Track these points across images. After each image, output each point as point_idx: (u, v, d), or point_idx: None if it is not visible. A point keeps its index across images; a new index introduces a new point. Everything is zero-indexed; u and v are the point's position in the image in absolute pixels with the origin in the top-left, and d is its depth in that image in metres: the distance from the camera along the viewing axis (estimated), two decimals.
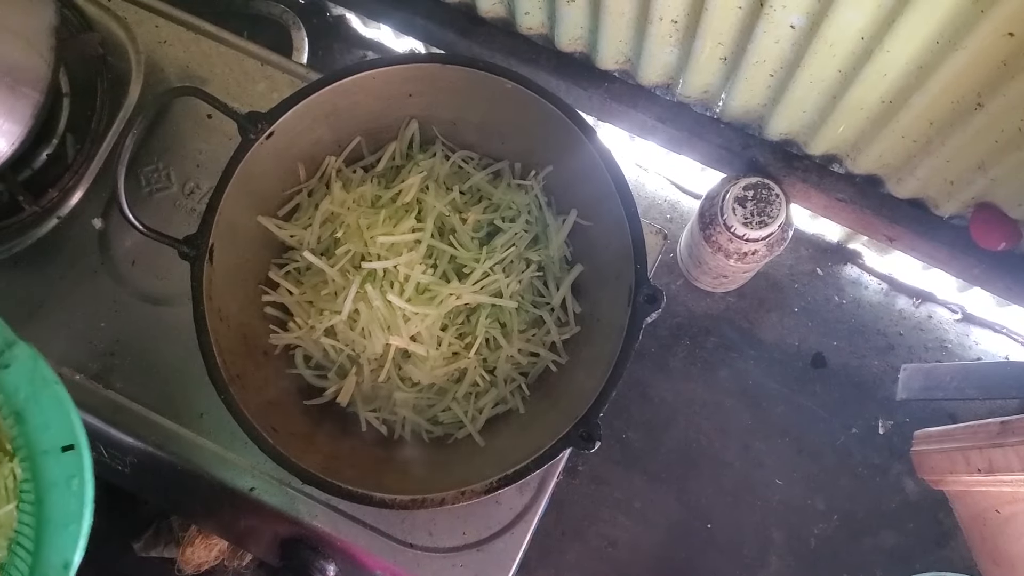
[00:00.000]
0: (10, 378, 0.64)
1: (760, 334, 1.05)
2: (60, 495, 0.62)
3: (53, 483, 0.63)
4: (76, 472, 0.63)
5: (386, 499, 0.69)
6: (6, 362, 0.64)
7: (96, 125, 0.89)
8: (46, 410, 0.64)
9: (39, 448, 0.63)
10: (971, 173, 0.78)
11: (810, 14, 0.70)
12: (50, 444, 0.63)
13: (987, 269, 0.87)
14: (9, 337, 0.65)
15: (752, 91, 0.84)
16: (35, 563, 0.62)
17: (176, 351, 0.85)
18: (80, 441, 0.63)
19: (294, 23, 1.11)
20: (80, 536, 0.62)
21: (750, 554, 1.00)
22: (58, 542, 0.62)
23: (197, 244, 0.72)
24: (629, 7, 0.81)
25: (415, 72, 0.77)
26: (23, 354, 0.65)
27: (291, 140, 0.77)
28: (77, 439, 0.64)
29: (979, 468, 0.78)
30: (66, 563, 0.61)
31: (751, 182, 0.86)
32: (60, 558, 0.61)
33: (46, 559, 0.62)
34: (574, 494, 1.02)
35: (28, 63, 0.78)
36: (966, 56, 0.65)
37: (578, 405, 0.70)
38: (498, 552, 0.81)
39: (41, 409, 0.64)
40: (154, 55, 0.92)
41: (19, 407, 0.64)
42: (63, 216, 0.88)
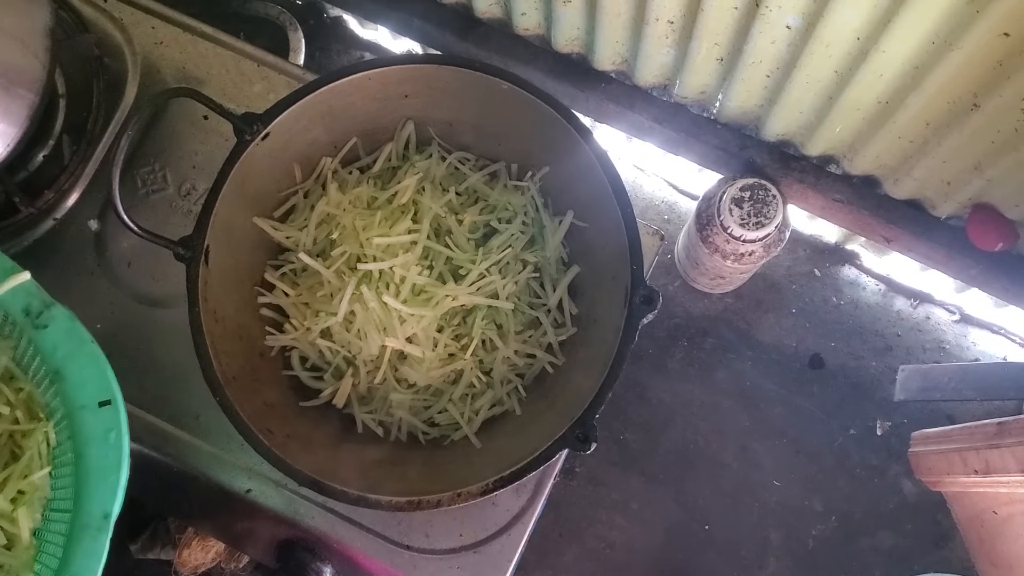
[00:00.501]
0: (48, 337, 0.68)
1: (758, 335, 1.05)
2: (98, 448, 0.65)
3: (91, 437, 0.65)
4: (113, 425, 0.66)
5: (382, 501, 0.69)
6: (44, 322, 0.68)
7: (92, 126, 0.89)
8: (83, 367, 0.67)
9: (77, 404, 0.66)
10: (968, 174, 0.78)
11: (806, 14, 0.70)
12: (87, 400, 0.66)
13: (984, 270, 0.87)
14: (47, 299, 0.68)
15: (749, 92, 0.84)
16: (76, 515, 0.64)
17: (172, 353, 0.84)
18: (116, 396, 0.66)
19: (291, 24, 1.11)
20: (119, 487, 0.64)
21: (748, 555, 1.00)
22: (98, 494, 0.64)
23: (193, 246, 0.72)
24: (625, 8, 0.81)
25: (411, 73, 0.77)
26: (60, 315, 0.68)
27: (287, 141, 0.77)
28: (113, 394, 0.66)
29: (976, 469, 0.77)
30: (106, 513, 0.64)
31: (748, 183, 0.86)
32: (100, 509, 0.64)
33: (87, 511, 0.64)
34: (571, 495, 1.02)
35: (23, 64, 0.77)
36: (962, 56, 0.65)
37: (574, 406, 0.70)
38: (495, 554, 0.81)
39: (79, 367, 0.67)
40: (150, 56, 0.92)
41: (57, 365, 0.67)
42: (59, 218, 0.88)
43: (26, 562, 0.67)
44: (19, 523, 0.68)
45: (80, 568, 0.63)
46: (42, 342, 0.68)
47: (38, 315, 0.68)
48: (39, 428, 0.70)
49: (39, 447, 0.70)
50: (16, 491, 0.69)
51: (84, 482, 0.65)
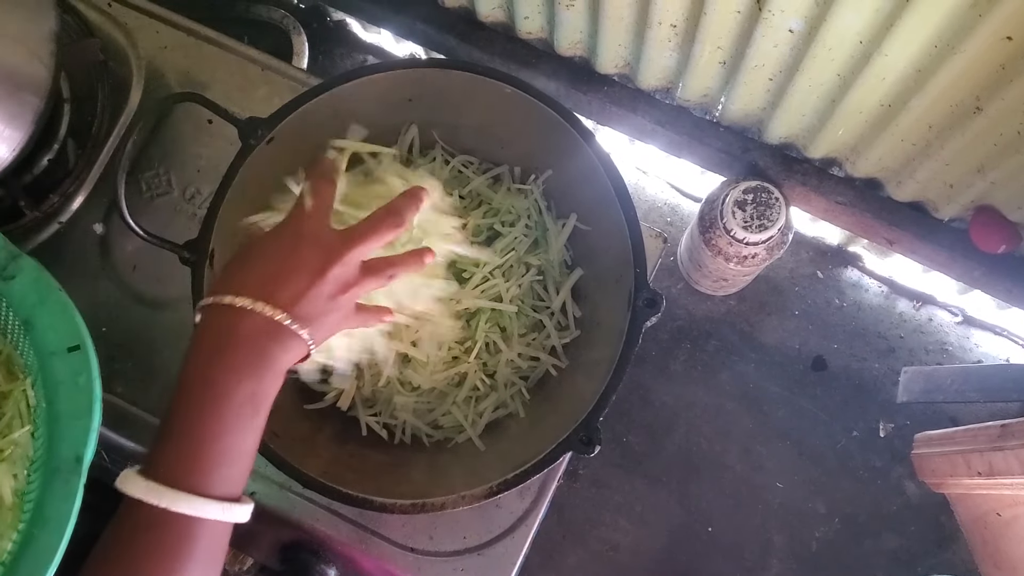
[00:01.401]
0: (17, 287, 0.68)
1: (761, 337, 1.05)
2: (68, 392, 0.65)
3: (60, 381, 0.65)
4: (83, 369, 0.65)
5: (387, 503, 0.70)
6: (11, 273, 0.68)
7: (97, 131, 0.90)
8: (52, 314, 0.67)
9: (47, 350, 0.66)
10: (970, 176, 0.78)
11: (808, 18, 0.70)
12: (57, 345, 0.66)
13: (987, 272, 0.87)
14: (13, 250, 0.69)
15: (751, 95, 0.84)
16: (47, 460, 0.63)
17: (177, 356, 0.83)
18: (85, 341, 0.66)
19: (294, 28, 1.11)
20: (91, 430, 0.63)
21: (751, 557, 1.00)
22: (69, 436, 0.64)
23: (198, 249, 0.72)
24: (628, 12, 0.81)
25: (415, 77, 0.77)
26: (27, 265, 0.69)
27: (291, 145, 0.77)
28: (83, 339, 0.66)
29: (980, 471, 0.78)
30: (78, 456, 0.63)
31: (751, 185, 0.86)
32: (72, 451, 0.63)
33: (58, 453, 0.63)
34: (575, 498, 1.02)
35: (29, 69, 0.78)
36: (964, 60, 0.65)
37: (578, 409, 0.70)
38: (499, 556, 0.81)
39: (48, 313, 0.67)
40: (155, 61, 0.92)
41: (27, 314, 0.67)
42: (64, 221, 0.89)
43: (10, 522, 0.67)
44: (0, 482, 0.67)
45: (53, 512, 0.62)
46: (11, 294, 0.68)
47: (4, 267, 0.69)
48: (17, 387, 0.71)
49: (19, 405, 0.70)
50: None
51: (55, 427, 0.64)
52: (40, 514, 0.62)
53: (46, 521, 0.62)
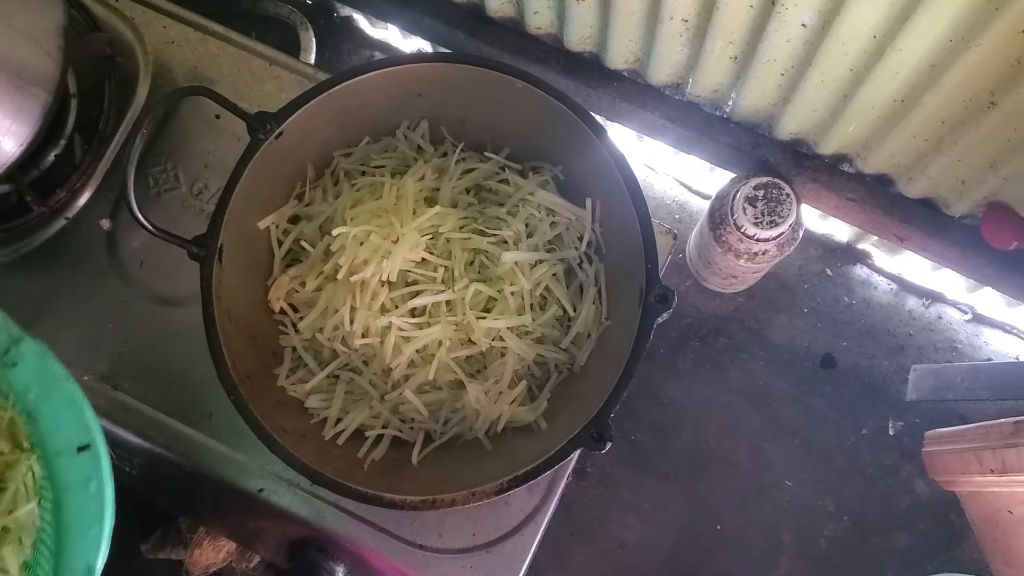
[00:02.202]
0: (19, 376, 0.61)
1: (769, 335, 1.05)
2: (78, 498, 0.60)
3: (70, 485, 0.60)
4: (94, 474, 0.60)
5: (397, 500, 0.69)
6: (13, 360, 0.61)
7: (104, 126, 0.89)
8: (58, 409, 0.61)
9: (53, 449, 0.60)
10: (983, 172, 0.77)
11: (822, 12, 0.70)
12: (64, 445, 0.60)
13: (998, 269, 0.87)
14: (15, 333, 0.61)
15: (763, 90, 0.84)
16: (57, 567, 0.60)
17: (184, 352, 0.84)
18: (96, 440, 0.60)
19: (301, 23, 1.11)
20: (102, 540, 0.59)
21: (760, 555, 1.00)
22: (80, 546, 0.59)
23: (207, 244, 0.72)
24: (639, 6, 0.81)
25: (425, 71, 0.77)
26: (30, 351, 0.61)
27: (300, 140, 0.77)
28: (93, 438, 0.60)
29: (992, 468, 0.77)
30: (89, 567, 0.59)
31: (762, 182, 0.86)
32: (82, 563, 0.59)
33: (68, 564, 0.59)
34: (583, 495, 1.02)
35: (37, 63, 0.77)
36: (980, 54, 0.65)
37: (589, 406, 0.70)
38: (508, 553, 0.81)
39: (53, 408, 0.61)
40: (162, 55, 0.92)
41: (30, 407, 0.61)
42: (71, 217, 0.88)
43: None
44: (7, 562, 0.63)
45: None
46: (13, 382, 0.61)
47: (6, 352, 0.61)
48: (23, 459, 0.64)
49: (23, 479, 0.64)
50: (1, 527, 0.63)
51: (65, 534, 0.60)
52: None
53: None
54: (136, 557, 1.04)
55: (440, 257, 0.79)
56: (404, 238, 0.76)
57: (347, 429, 0.77)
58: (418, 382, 0.77)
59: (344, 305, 0.76)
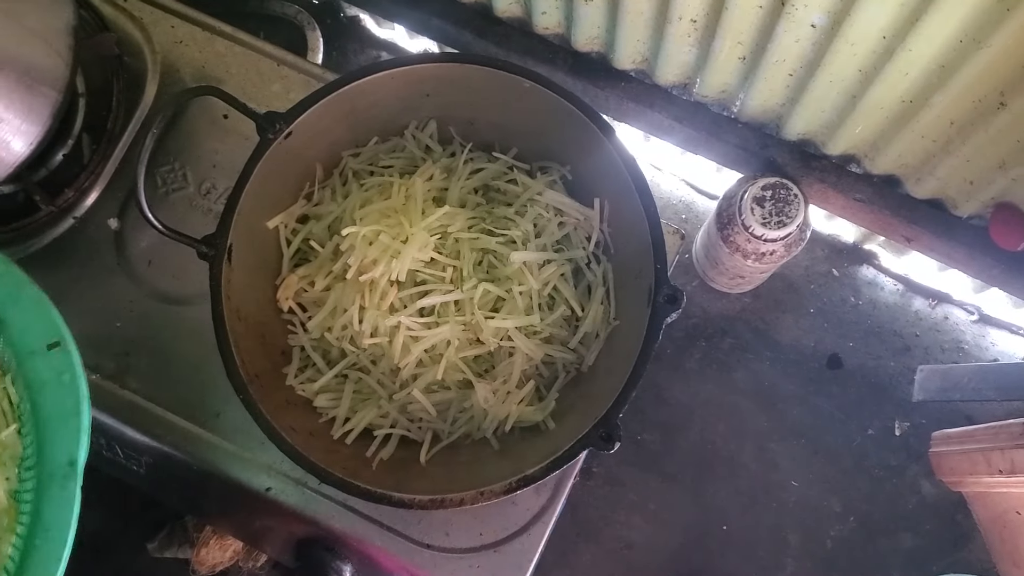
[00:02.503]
0: None
1: (776, 335, 1.05)
2: (53, 392, 0.61)
3: (44, 382, 0.61)
4: (66, 368, 0.61)
5: (405, 499, 0.69)
6: None
7: (112, 125, 0.89)
8: (26, 311, 0.63)
9: (25, 350, 0.62)
10: (991, 173, 0.77)
11: (832, 13, 0.70)
12: (36, 344, 0.62)
13: (1006, 270, 0.87)
14: None
15: (771, 91, 0.84)
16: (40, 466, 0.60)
17: (192, 351, 0.84)
18: (65, 336, 0.62)
19: (309, 23, 1.11)
20: (81, 431, 0.60)
21: (766, 556, 1.00)
22: (60, 439, 0.60)
23: (216, 244, 0.72)
24: (647, 6, 0.81)
25: (433, 72, 0.77)
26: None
27: (309, 140, 0.77)
28: (62, 335, 0.62)
29: (1001, 469, 0.77)
30: (71, 460, 0.60)
31: (769, 182, 0.86)
32: (64, 455, 0.60)
33: (51, 458, 0.60)
34: (589, 496, 1.02)
35: (47, 63, 0.78)
36: (990, 55, 0.65)
37: (598, 406, 0.70)
38: (515, 553, 0.81)
39: (21, 311, 0.63)
40: (170, 55, 0.92)
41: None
42: (79, 216, 0.89)
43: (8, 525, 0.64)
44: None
45: (52, 519, 0.59)
46: None
47: None
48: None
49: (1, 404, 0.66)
50: None
51: (44, 430, 0.61)
52: (39, 522, 0.60)
53: (47, 529, 0.59)
54: (143, 556, 1.04)
55: (449, 257, 0.79)
56: (413, 238, 0.76)
57: (355, 428, 0.77)
58: (426, 382, 0.78)
59: (353, 305, 0.76)
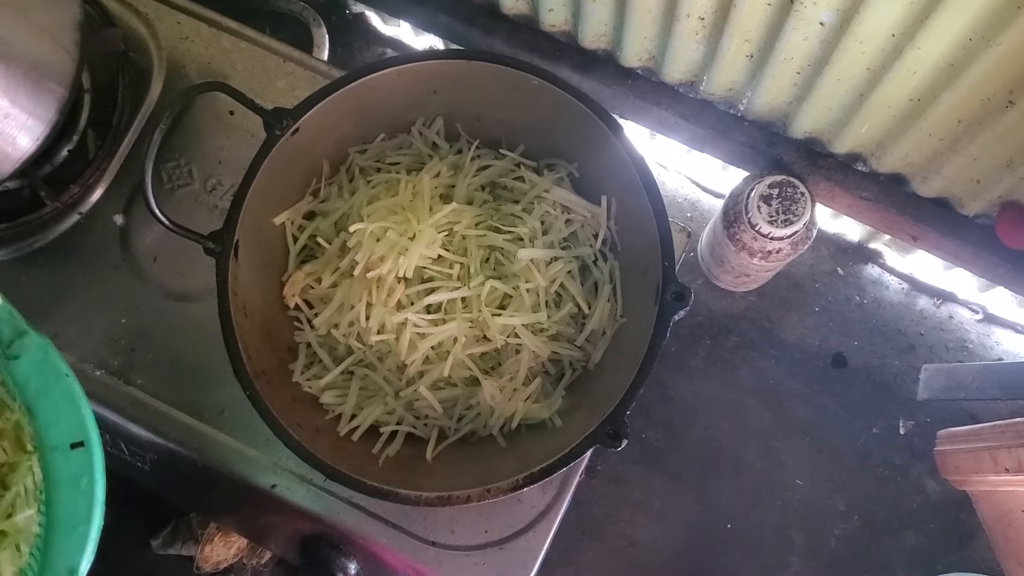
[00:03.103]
0: (20, 369, 0.61)
1: (781, 333, 1.05)
2: (68, 495, 0.59)
3: (61, 481, 0.59)
4: (85, 471, 0.59)
5: (411, 496, 0.69)
6: (15, 352, 0.61)
7: (117, 121, 0.89)
8: (56, 404, 0.60)
9: (48, 444, 0.60)
10: (999, 171, 0.77)
11: (841, 11, 0.70)
12: (59, 440, 0.60)
13: (1012, 268, 0.87)
14: (20, 326, 0.62)
15: (778, 89, 0.84)
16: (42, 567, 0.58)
17: (197, 347, 0.84)
18: (91, 438, 0.60)
19: (314, 20, 1.11)
20: (88, 540, 0.58)
21: (770, 555, 1.00)
22: (65, 545, 0.58)
23: (223, 240, 0.72)
24: (655, 4, 0.80)
25: (440, 69, 0.77)
26: (33, 345, 0.61)
27: (316, 137, 0.77)
28: (87, 435, 0.60)
29: (1007, 468, 0.77)
30: (72, 568, 0.58)
31: (776, 180, 0.86)
32: (66, 563, 0.58)
33: (52, 563, 0.58)
34: (594, 493, 1.02)
35: (53, 59, 0.77)
36: (999, 53, 0.65)
37: (605, 403, 0.70)
38: (520, 550, 0.81)
39: (51, 403, 0.60)
40: (176, 51, 0.92)
41: (29, 400, 0.61)
42: (84, 212, 0.88)
43: None
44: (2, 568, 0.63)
45: None
46: (15, 374, 0.61)
47: (9, 344, 0.61)
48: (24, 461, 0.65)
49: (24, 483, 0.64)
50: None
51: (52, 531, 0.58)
52: None
53: None
54: (147, 552, 1.04)
55: (456, 254, 0.79)
56: (420, 235, 0.76)
57: (362, 425, 0.77)
58: (433, 379, 0.77)
59: (360, 301, 0.76)
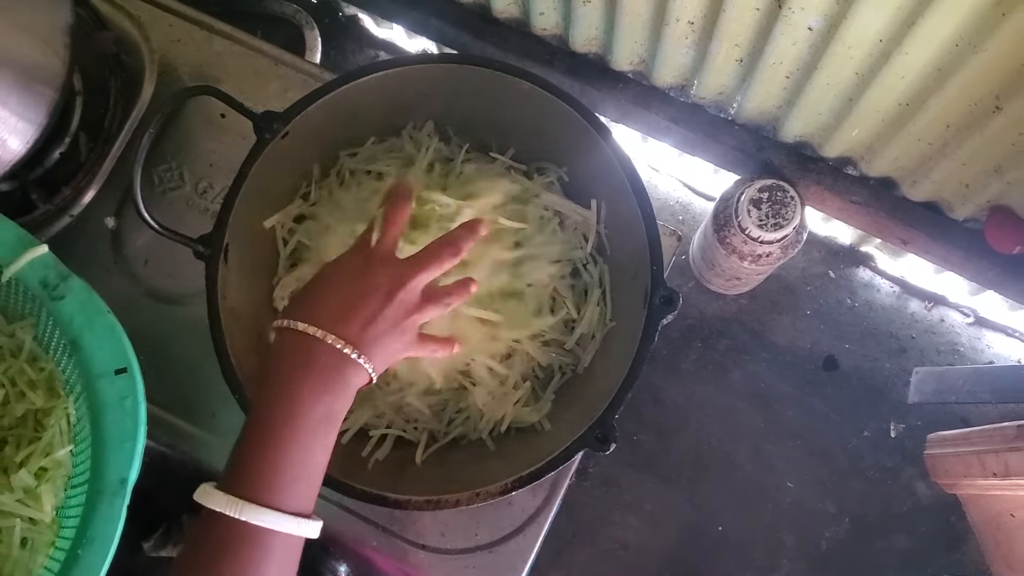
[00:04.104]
0: (65, 308, 0.69)
1: (772, 336, 1.05)
2: (114, 415, 0.66)
3: (107, 404, 0.67)
4: (129, 393, 0.67)
5: (401, 500, 0.69)
6: (61, 293, 0.70)
7: (109, 124, 0.89)
8: (99, 337, 0.68)
9: (94, 372, 0.67)
10: (987, 176, 0.78)
11: (828, 16, 0.70)
12: (104, 368, 0.68)
13: (1001, 272, 0.87)
14: (63, 271, 0.71)
15: (768, 93, 0.84)
16: (93, 482, 0.65)
17: (188, 350, 0.84)
18: (132, 364, 0.68)
19: (307, 23, 1.11)
20: (135, 453, 0.65)
21: (761, 557, 1.00)
22: (115, 459, 0.65)
23: (212, 243, 0.72)
24: (645, 8, 0.81)
25: (431, 72, 0.77)
26: (77, 286, 0.70)
27: (306, 140, 0.77)
28: (130, 362, 0.68)
29: (995, 472, 0.77)
30: (123, 479, 0.65)
31: (766, 184, 0.86)
32: (117, 474, 0.65)
33: (104, 477, 0.65)
34: (585, 496, 1.02)
35: (44, 61, 0.77)
36: (985, 58, 0.65)
37: (594, 407, 0.70)
38: (510, 553, 0.81)
39: (95, 336, 0.68)
40: (168, 54, 0.92)
41: (74, 335, 0.69)
42: (76, 215, 0.88)
43: (49, 539, 0.69)
44: (42, 500, 0.69)
45: (97, 532, 0.63)
46: (59, 313, 0.69)
47: (55, 287, 0.70)
48: (59, 405, 0.72)
49: (60, 424, 0.72)
50: (39, 467, 0.71)
51: (100, 449, 0.66)
52: (84, 534, 0.64)
53: (91, 541, 0.63)
54: (139, 555, 1.04)
55: None
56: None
57: (351, 429, 0.77)
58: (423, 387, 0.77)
59: None
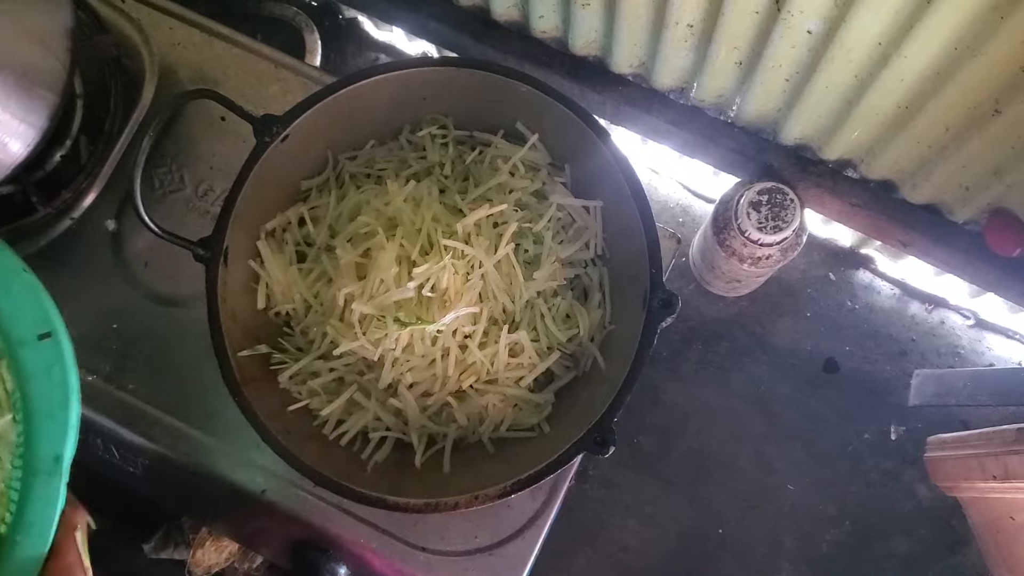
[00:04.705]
0: None
1: (772, 339, 1.05)
2: (42, 385, 0.59)
3: (32, 374, 0.59)
4: (56, 360, 0.59)
5: (400, 502, 0.69)
6: None
7: (110, 127, 0.89)
8: (18, 299, 0.60)
9: (14, 339, 0.59)
10: (987, 179, 0.78)
11: (828, 19, 0.70)
12: (26, 334, 0.59)
13: (1002, 275, 0.87)
14: None
15: (767, 96, 0.84)
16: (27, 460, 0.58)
17: (188, 353, 0.84)
18: (56, 328, 0.59)
19: (307, 25, 1.11)
20: (68, 427, 0.58)
21: (761, 560, 1.00)
22: (47, 434, 0.58)
23: (212, 246, 0.72)
24: (645, 11, 0.81)
25: (430, 76, 0.77)
26: None
27: (305, 143, 0.77)
28: (53, 326, 0.59)
29: (995, 475, 0.77)
30: (57, 456, 0.58)
31: (766, 186, 0.86)
32: (50, 451, 0.58)
33: (37, 455, 0.58)
34: (585, 499, 1.02)
35: (44, 65, 0.78)
36: (985, 62, 0.65)
37: (593, 410, 0.70)
38: (510, 556, 0.81)
39: (13, 299, 0.60)
40: (168, 57, 0.92)
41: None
42: (76, 217, 0.89)
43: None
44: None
45: (35, 516, 0.57)
46: None
47: None
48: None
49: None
50: None
51: (32, 424, 0.58)
52: (22, 519, 0.58)
53: (29, 526, 0.58)
54: (139, 557, 1.04)
55: None
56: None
57: (350, 431, 0.77)
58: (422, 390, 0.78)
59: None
